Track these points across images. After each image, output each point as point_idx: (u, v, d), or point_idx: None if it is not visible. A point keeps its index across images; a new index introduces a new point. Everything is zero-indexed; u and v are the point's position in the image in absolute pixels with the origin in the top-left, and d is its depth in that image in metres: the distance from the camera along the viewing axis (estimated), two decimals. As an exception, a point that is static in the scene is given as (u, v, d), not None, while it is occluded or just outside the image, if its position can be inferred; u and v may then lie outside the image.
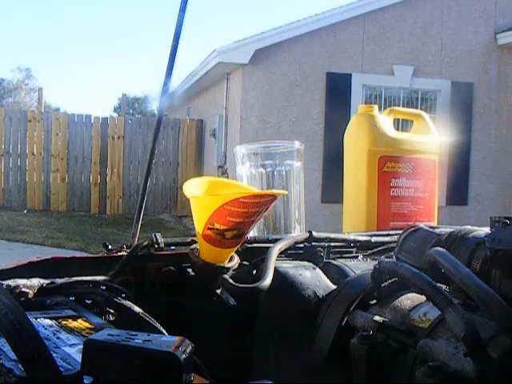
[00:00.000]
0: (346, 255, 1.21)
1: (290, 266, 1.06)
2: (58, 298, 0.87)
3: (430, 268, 0.82)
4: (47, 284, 0.90)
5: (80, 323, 0.77)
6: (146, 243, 1.05)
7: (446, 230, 0.93)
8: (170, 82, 1.60)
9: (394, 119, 1.76)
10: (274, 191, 1.26)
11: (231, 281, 0.98)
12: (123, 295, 0.91)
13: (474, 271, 0.78)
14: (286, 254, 1.15)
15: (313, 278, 1.04)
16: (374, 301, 0.93)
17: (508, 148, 10.02)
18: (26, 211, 11.63)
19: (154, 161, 1.49)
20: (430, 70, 9.97)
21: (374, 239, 1.25)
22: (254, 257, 1.10)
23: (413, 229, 0.99)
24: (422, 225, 1.00)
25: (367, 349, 0.84)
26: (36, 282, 0.90)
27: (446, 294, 0.75)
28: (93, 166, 11.69)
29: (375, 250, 1.23)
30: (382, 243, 1.25)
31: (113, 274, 0.98)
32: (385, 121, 1.71)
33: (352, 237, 1.25)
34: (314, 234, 1.19)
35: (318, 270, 1.08)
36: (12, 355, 0.61)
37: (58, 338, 0.71)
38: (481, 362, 0.66)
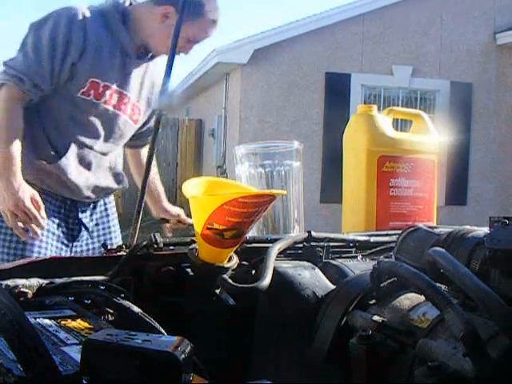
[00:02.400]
0: (345, 255, 1.21)
1: (289, 266, 1.06)
2: (57, 297, 0.87)
3: (429, 268, 0.82)
4: (46, 284, 0.90)
5: (79, 323, 0.78)
6: (145, 243, 1.05)
7: (445, 229, 0.93)
8: (169, 81, 1.60)
9: (393, 119, 1.76)
10: (273, 191, 1.26)
11: (230, 281, 0.98)
12: (122, 295, 0.91)
13: (473, 271, 0.78)
14: (285, 254, 1.15)
15: (312, 278, 1.04)
16: (374, 301, 0.93)
17: (507, 148, 10.03)
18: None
19: (152, 161, 1.49)
20: (429, 69, 9.98)
21: (373, 239, 1.26)
22: (253, 257, 1.10)
23: (412, 229, 0.99)
24: (421, 225, 1.00)
25: (366, 349, 0.84)
26: (35, 281, 0.90)
27: (445, 294, 0.75)
28: (92, 166, 11.67)
29: (374, 249, 1.23)
30: (381, 243, 1.25)
31: (112, 274, 0.98)
32: (384, 121, 1.71)
33: (351, 237, 1.25)
34: (313, 233, 1.19)
35: (317, 269, 1.08)
36: (11, 355, 0.61)
37: (57, 337, 0.71)
38: (480, 362, 0.66)
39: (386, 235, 1.28)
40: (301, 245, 1.17)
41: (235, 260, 1.05)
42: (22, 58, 1.99)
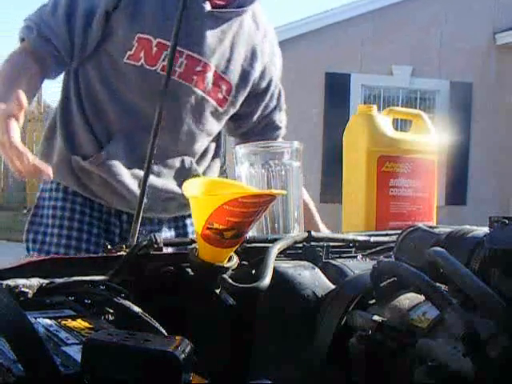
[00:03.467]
0: (345, 255, 1.21)
1: (289, 266, 1.06)
2: (57, 297, 0.87)
3: (429, 268, 0.82)
4: (47, 284, 0.90)
5: (79, 323, 0.78)
6: (145, 243, 1.05)
7: (444, 229, 0.94)
8: (169, 81, 1.59)
9: (393, 119, 1.76)
10: (273, 191, 1.26)
11: (230, 280, 0.98)
12: (122, 295, 0.91)
13: (473, 271, 0.78)
14: (285, 253, 1.15)
15: (312, 278, 1.04)
16: (373, 300, 0.93)
17: (507, 148, 10.02)
18: (25, 211, 11.62)
19: (152, 160, 1.48)
20: (428, 69, 9.98)
21: (373, 239, 1.26)
22: (253, 257, 1.10)
23: (412, 229, 0.99)
24: (420, 225, 1.00)
25: (366, 348, 0.84)
26: (35, 281, 0.90)
27: (445, 294, 0.75)
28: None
29: (374, 249, 1.23)
30: (381, 243, 1.25)
31: (112, 274, 0.98)
32: (384, 121, 1.71)
33: (351, 236, 1.25)
34: (313, 233, 1.19)
35: (317, 269, 1.08)
36: (11, 355, 0.61)
37: (58, 337, 0.71)
38: (480, 362, 0.67)
39: (386, 235, 1.28)
40: (301, 245, 1.17)
41: (235, 260, 1.05)
42: (40, 7, 1.54)
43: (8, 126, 1.24)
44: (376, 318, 0.86)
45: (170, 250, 1.64)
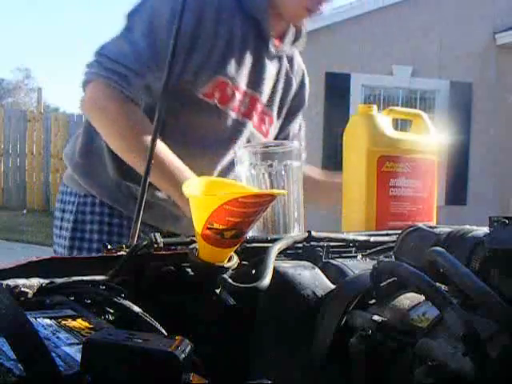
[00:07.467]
0: (345, 255, 1.21)
1: (289, 266, 1.06)
2: (57, 297, 0.87)
3: (429, 268, 0.82)
4: (46, 284, 0.90)
5: (79, 323, 0.78)
6: (145, 243, 1.05)
7: (445, 229, 0.94)
8: (169, 81, 1.58)
9: (393, 119, 1.76)
10: (273, 191, 1.26)
11: (230, 280, 0.98)
12: (122, 295, 0.91)
13: (473, 271, 0.78)
14: (285, 253, 1.15)
15: (312, 278, 1.04)
16: (373, 300, 0.93)
17: (507, 148, 10.03)
18: (25, 211, 11.63)
19: (152, 159, 1.47)
20: (428, 70, 9.98)
21: (373, 239, 1.26)
22: (253, 256, 1.10)
23: (412, 229, 0.99)
24: (420, 224, 1.00)
25: (366, 348, 0.84)
26: (35, 281, 0.90)
27: (445, 294, 0.75)
28: (92, 166, 11.65)
29: (374, 249, 1.23)
30: (381, 243, 1.25)
31: (112, 274, 0.98)
32: (384, 121, 1.71)
33: (351, 236, 1.25)
34: (313, 233, 1.19)
35: (317, 269, 1.08)
36: (11, 355, 0.61)
37: (58, 337, 0.71)
38: (480, 362, 0.67)
39: (386, 235, 1.28)
40: (301, 245, 1.17)
41: (235, 260, 1.05)
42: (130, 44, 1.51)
43: None
44: (376, 317, 0.86)
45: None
